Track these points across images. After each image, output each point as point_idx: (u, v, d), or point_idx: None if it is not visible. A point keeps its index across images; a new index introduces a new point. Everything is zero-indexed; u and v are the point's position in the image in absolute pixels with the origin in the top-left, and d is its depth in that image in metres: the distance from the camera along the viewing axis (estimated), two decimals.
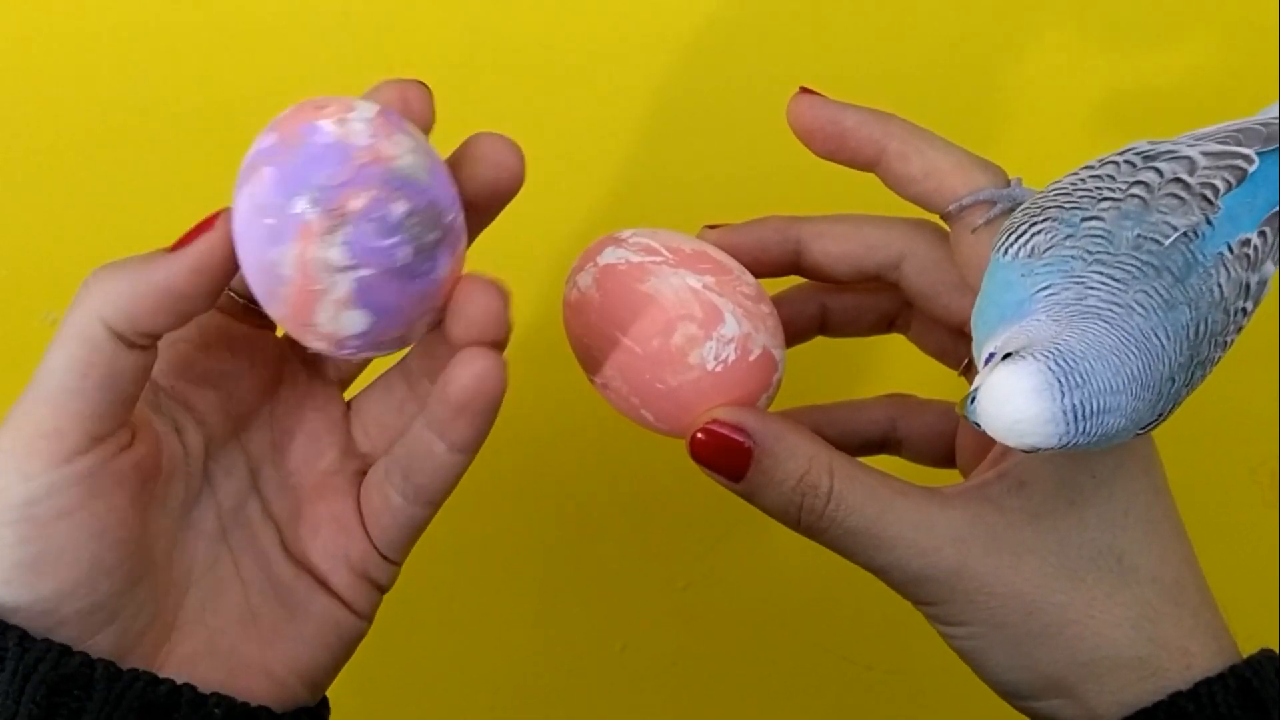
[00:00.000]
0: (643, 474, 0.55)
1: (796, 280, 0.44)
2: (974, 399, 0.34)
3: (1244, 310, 0.36)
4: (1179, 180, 0.36)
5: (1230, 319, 0.36)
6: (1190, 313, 0.35)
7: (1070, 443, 0.33)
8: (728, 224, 0.42)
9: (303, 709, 0.39)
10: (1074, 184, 0.37)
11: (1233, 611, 0.41)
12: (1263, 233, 0.36)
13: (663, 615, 0.58)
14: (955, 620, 0.39)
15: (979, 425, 0.34)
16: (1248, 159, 0.37)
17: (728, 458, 0.38)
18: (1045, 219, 0.36)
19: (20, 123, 0.55)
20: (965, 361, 0.43)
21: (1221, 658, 0.38)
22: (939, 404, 0.45)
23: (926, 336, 0.44)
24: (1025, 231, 0.36)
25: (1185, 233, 0.35)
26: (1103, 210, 0.36)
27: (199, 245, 0.34)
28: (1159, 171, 0.36)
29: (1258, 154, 0.37)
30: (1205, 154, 0.37)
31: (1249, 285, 0.36)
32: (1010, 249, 0.36)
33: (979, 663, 0.39)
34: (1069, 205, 0.36)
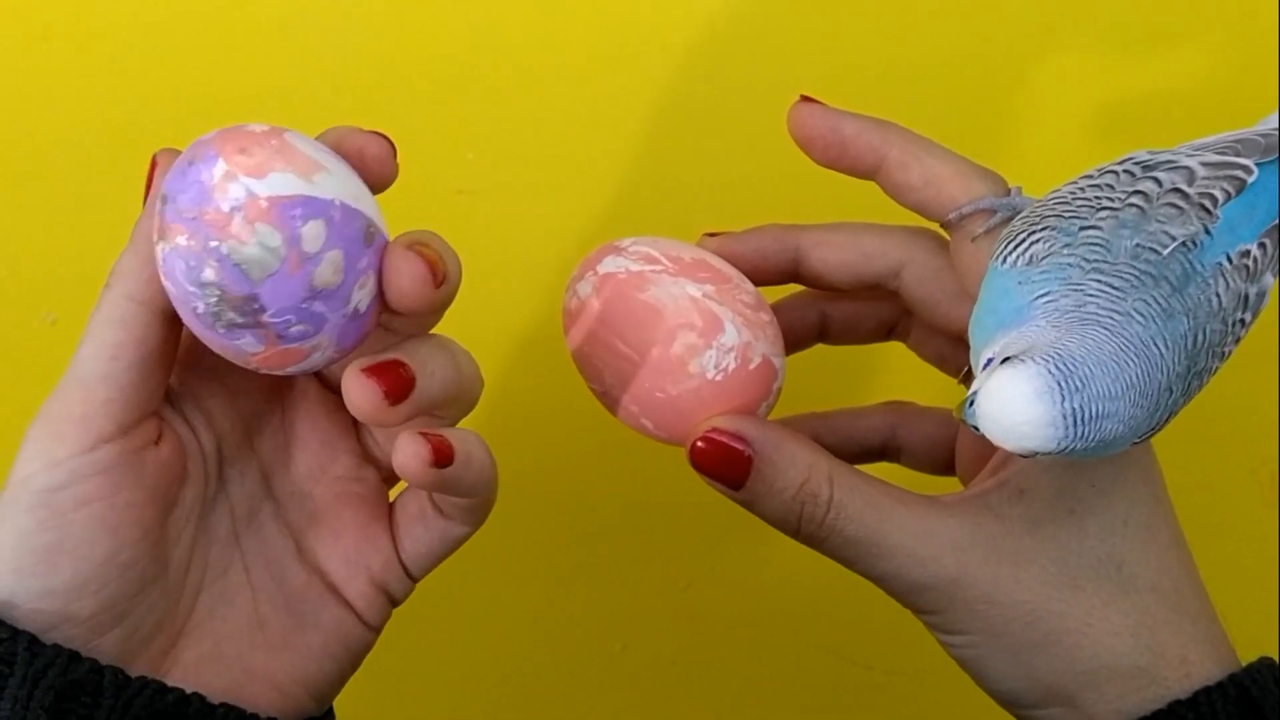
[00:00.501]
0: (643, 475, 0.55)
1: (796, 288, 0.44)
2: (972, 402, 0.34)
3: (1242, 321, 0.36)
4: (1178, 190, 0.36)
5: (1229, 330, 0.36)
6: (1188, 323, 0.35)
7: (1068, 447, 0.33)
8: (727, 232, 0.42)
9: None
10: (1073, 193, 0.37)
11: (1233, 612, 0.41)
12: (1262, 244, 0.36)
13: (663, 615, 0.58)
14: (955, 629, 0.39)
15: (977, 429, 0.34)
16: (1247, 169, 0.37)
17: (727, 466, 0.38)
18: (1044, 228, 0.36)
19: (20, 123, 0.55)
20: (965, 369, 0.43)
21: (1221, 666, 0.38)
22: (939, 411, 0.45)
23: (926, 344, 0.44)
24: (1024, 240, 0.36)
25: (1184, 242, 0.35)
26: (1101, 219, 0.36)
27: None
28: (1158, 181, 0.36)
29: (1257, 164, 0.37)
30: (1204, 164, 0.37)
31: (1247, 296, 0.36)
32: (1009, 257, 0.36)
33: (978, 671, 0.39)
34: (1068, 214, 0.36)
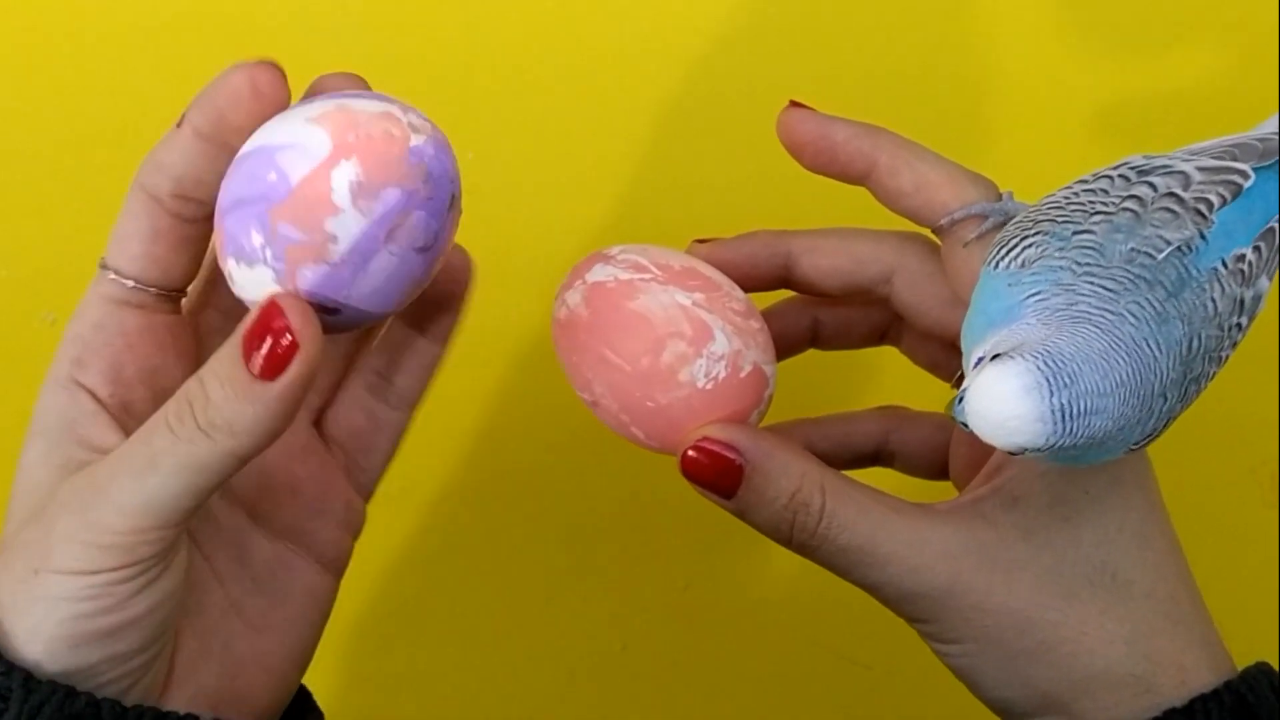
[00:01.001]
0: (643, 474, 0.55)
1: (788, 293, 0.43)
2: (962, 399, 0.34)
3: (1238, 326, 0.36)
4: (1173, 195, 0.36)
5: (1224, 335, 0.36)
6: (1183, 328, 0.34)
7: (1057, 443, 0.32)
8: (717, 238, 0.42)
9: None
10: (1067, 198, 0.37)
11: (1232, 612, 0.41)
12: (1257, 248, 0.36)
13: (663, 615, 0.58)
14: (948, 638, 0.38)
15: (966, 426, 0.33)
16: (1243, 174, 0.36)
17: (719, 475, 0.38)
18: (1037, 232, 0.36)
19: (20, 123, 0.55)
20: (958, 374, 0.43)
21: (1216, 673, 0.38)
22: (932, 416, 0.44)
23: (919, 349, 0.44)
24: (1017, 244, 0.36)
25: (1179, 247, 0.35)
26: (1095, 224, 0.35)
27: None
28: (1153, 186, 0.36)
29: (1253, 169, 0.37)
30: (1200, 169, 0.36)
31: (1243, 301, 0.36)
32: (1002, 261, 0.36)
33: (973, 680, 0.39)
34: (1061, 219, 0.36)
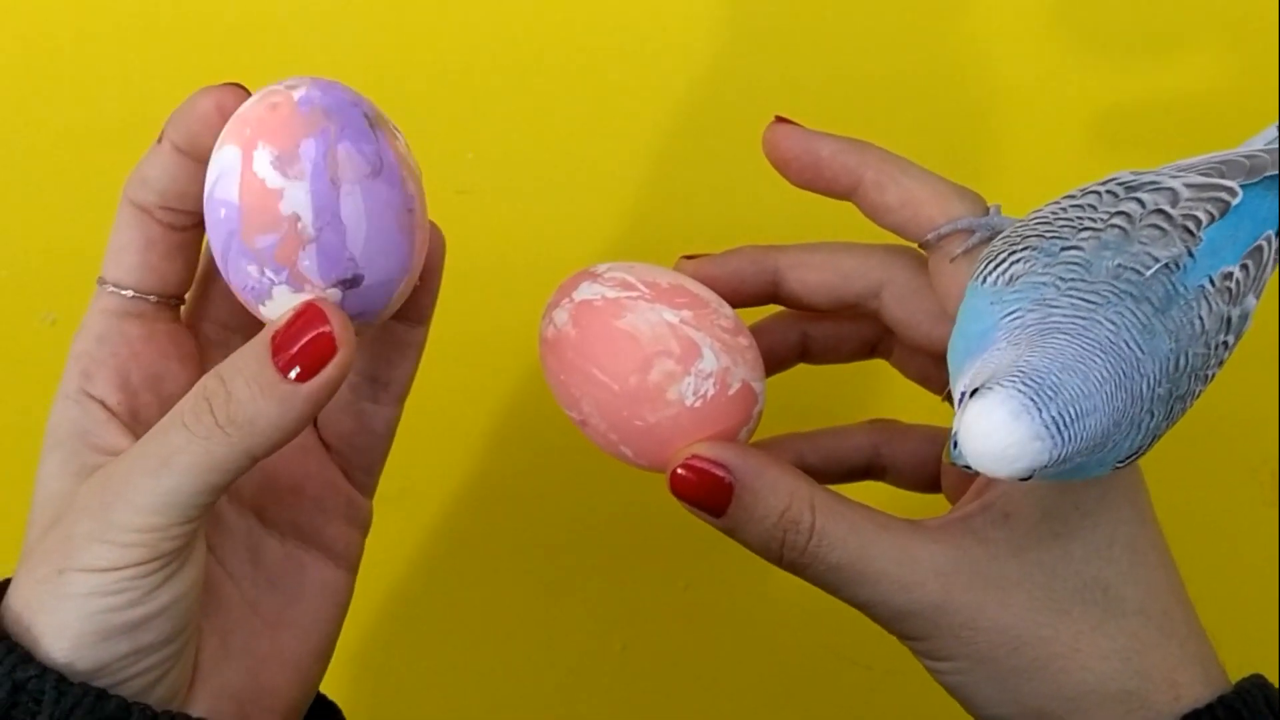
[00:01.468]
0: (643, 475, 0.55)
1: (776, 308, 0.43)
2: (956, 443, 0.33)
3: (1225, 344, 0.36)
4: (1161, 211, 0.36)
5: (1211, 353, 0.35)
6: (1171, 343, 0.34)
7: (1061, 454, 0.32)
8: (704, 254, 0.42)
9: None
10: (1055, 213, 0.37)
11: (1232, 613, 0.41)
12: (1245, 266, 0.36)
13: (663, 615, 0.58)
14: (940, 655, 0.39)
15: (969, 468, 0.33)
16: (1231, 191, 0.36)
17: (708, 494, 0.38)
18: (1025, 248, 0.36)
19: (20, 123, 0.55)
20: (947, 390, 0.42)
21: (1210, 688, 0.38)
22: (923, 429, 0.44)
23: (909, 362, 0.44)
24: (1004, 260, 0.36)
25: (1167, 264, 0.35)
26: (1083, 240, 0.35)
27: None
28: (1141, 202, 0.36)
29: (1241, 186, 0.36)
30: (1188, 185, 0.36)
31: (1230, 319, 0.36)
32: (989, 277, 0.36)
33: (965, 697, 0.39)
34: (1049, 234, 0.36)
